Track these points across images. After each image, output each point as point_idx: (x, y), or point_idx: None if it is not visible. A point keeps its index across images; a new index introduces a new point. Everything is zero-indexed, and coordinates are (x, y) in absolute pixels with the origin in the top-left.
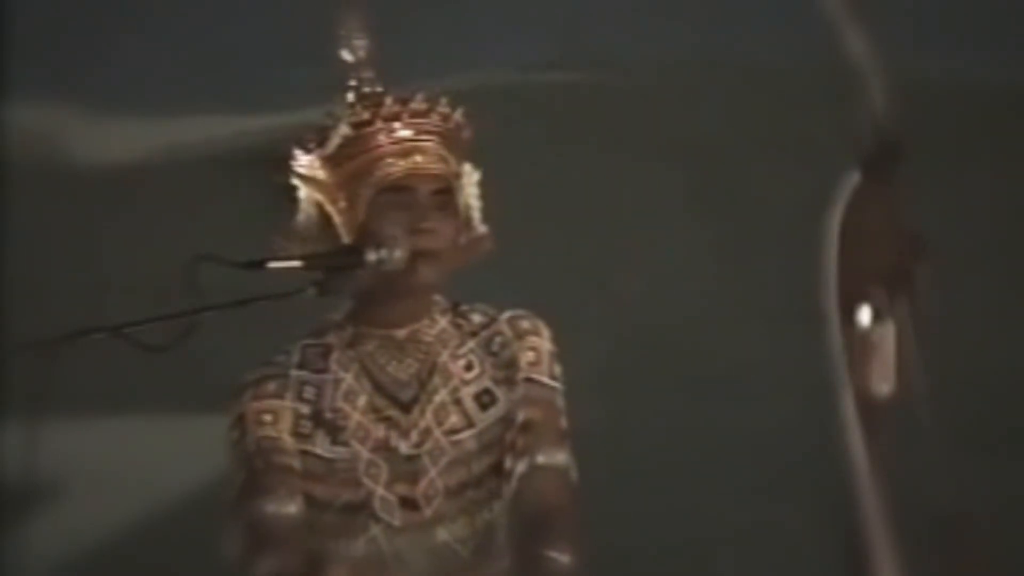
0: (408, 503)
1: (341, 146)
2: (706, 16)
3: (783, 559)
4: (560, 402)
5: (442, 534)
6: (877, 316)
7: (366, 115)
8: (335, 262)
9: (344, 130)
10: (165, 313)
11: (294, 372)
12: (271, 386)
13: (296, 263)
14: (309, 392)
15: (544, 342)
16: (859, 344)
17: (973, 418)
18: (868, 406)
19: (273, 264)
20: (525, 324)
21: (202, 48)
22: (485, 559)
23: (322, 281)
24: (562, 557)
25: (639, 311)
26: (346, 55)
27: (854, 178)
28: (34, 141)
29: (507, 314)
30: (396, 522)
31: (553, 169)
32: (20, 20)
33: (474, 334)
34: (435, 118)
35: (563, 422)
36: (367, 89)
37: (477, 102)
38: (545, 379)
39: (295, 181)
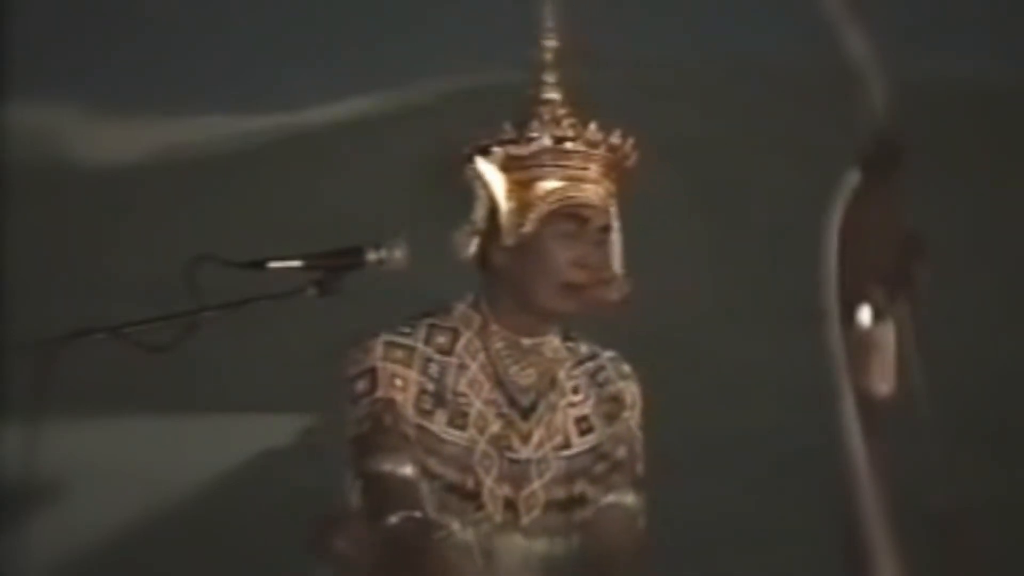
0: (510, 505)
1: (536, 153)
2: (706, 17)
3: (783, 557)
4: (640, 450)
5: (532, 547)
6: (877, 316)
7: (570, 132)
8: (335, 262)
9: (546, 141)
10: (165, 313)
11: (420, 347)
12: (399, 353)
13: (296, 263)
14: (433, 370)
15: (639, 390)
16: (859, 344)
17: (973, 417)
18: (868, 406)
19: (273, 264)
20: (626, 368)
21: (202, 48)
22: None
23: (322, 281)
24: None
25: (639, 310)
26: (535, 54)
27: (854, 178)
28: (34, 141)
29: (608, 353)
30: (498, 519)
31: None
32: (20, 20)
33: (581, 363)
34: (620, 157)
35: (641, 470)
36: (547, 96)
37: (476, 102)
38: (635, 425)
39: (478, 166)
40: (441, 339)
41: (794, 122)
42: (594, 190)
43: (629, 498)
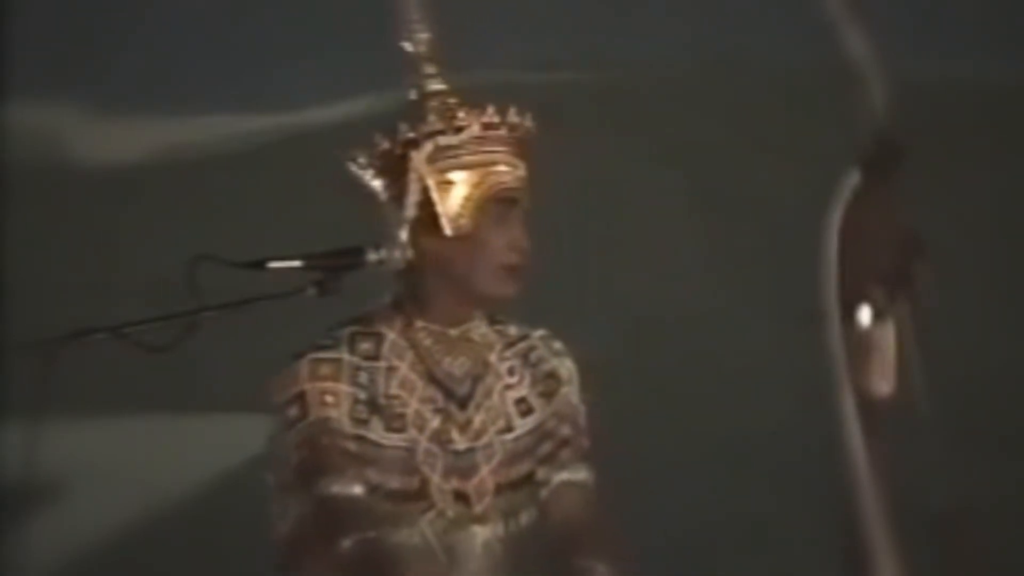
0: (461, 497)
1: (465, 141)
2: (706, 16)
3: (783, 558)
4: (584, 423)
5: (488, 532)
6: (877, 316)
7: (496, 118)
8: (335, 262)
9: (476, 128)
10: (165, 313)
11: (346, 357)
12: (326, 369)
13: (296, 263)
14: (363, 378)
15: (574, 365)
16: (859, 344)
17: (972, 417)
18: (868, 406)
19: (273, 264)
20: (558, 345)
21: (203, 48)
22: (525, 559)
23: (322, 281)
24: (598, 566)
25: (639, 310)
26: (407, 47)
27: (854, 178)
28: (34, 141)
29: (538, 332)
30: (450, 512)
31: (552, 169)
32: (20, 20)
33: (512, 344)
34: (522, 133)
35: (586, 442)
36: (433, 87)
37: (476, 101)
38: (576, 400)
39: (413, 160)
40: (365, 345)
41: (794, 122)
42: (513, 172)
43: (581, 474)
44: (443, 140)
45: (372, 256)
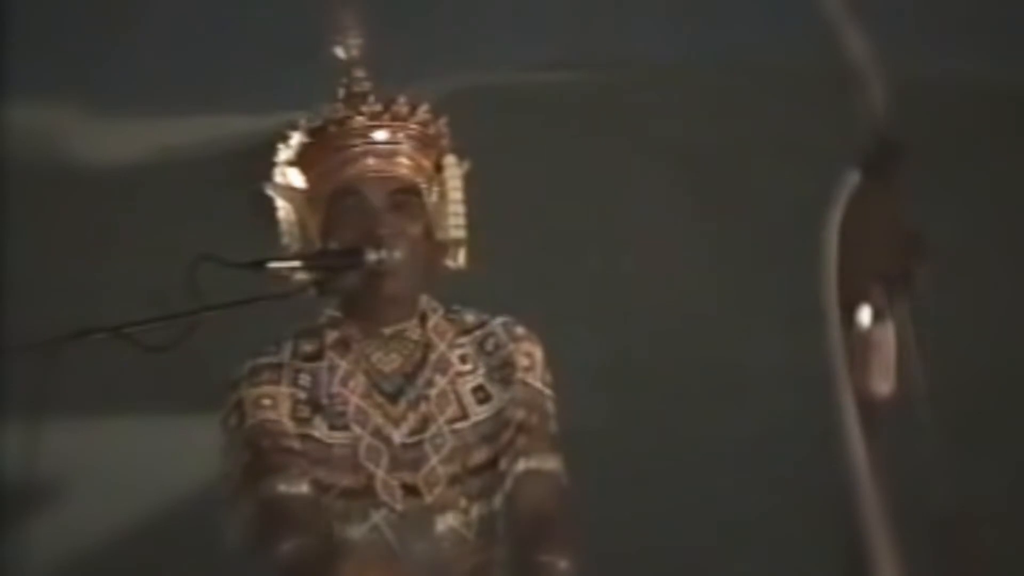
0: (410, 489)
1: (301, 154)
2: (706, 16)
3: (783, 559)
4: (551, 408)
5: (443, 521)
6: (877, 316)
7: (318, 122)
8: (335, 262)
9: (301, 137)
10: (165, 313)
11: (287, 360)
12: (266, 373)
13: (296, 263)
14: (304, 379)
15: (537, 350)
16: (859, 344)
17: (973, 417)
18: (868, 406)
19: (273, 264)
20: (519, 330)
21: (201, 48)
22: (486, 544)
23: (322, 281)
24: (560, 562)
25: (640, 311)
26: (339, 52)
27: (854, 178)
28: (34, 141)
29: (500, 319)
30: (398, 506)
31: (553, 169)
32: (20, 20)
33: (467, 332)
34: (387, 118)
35: (554, 427)
36: (357, 89)
37: (477, 102)
38: (539, 384)
39: (271, 191)
40: (308, 348)
41: (794, 122)
42: (366, 162)
43: (549, 463)
44: (284, 159)
45: (371, 256)
